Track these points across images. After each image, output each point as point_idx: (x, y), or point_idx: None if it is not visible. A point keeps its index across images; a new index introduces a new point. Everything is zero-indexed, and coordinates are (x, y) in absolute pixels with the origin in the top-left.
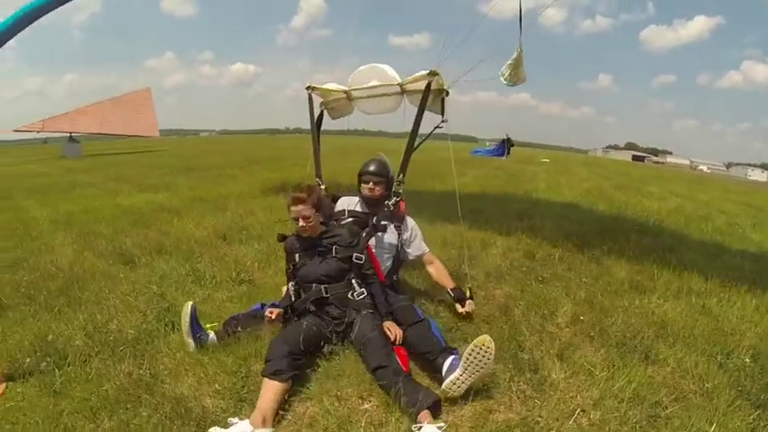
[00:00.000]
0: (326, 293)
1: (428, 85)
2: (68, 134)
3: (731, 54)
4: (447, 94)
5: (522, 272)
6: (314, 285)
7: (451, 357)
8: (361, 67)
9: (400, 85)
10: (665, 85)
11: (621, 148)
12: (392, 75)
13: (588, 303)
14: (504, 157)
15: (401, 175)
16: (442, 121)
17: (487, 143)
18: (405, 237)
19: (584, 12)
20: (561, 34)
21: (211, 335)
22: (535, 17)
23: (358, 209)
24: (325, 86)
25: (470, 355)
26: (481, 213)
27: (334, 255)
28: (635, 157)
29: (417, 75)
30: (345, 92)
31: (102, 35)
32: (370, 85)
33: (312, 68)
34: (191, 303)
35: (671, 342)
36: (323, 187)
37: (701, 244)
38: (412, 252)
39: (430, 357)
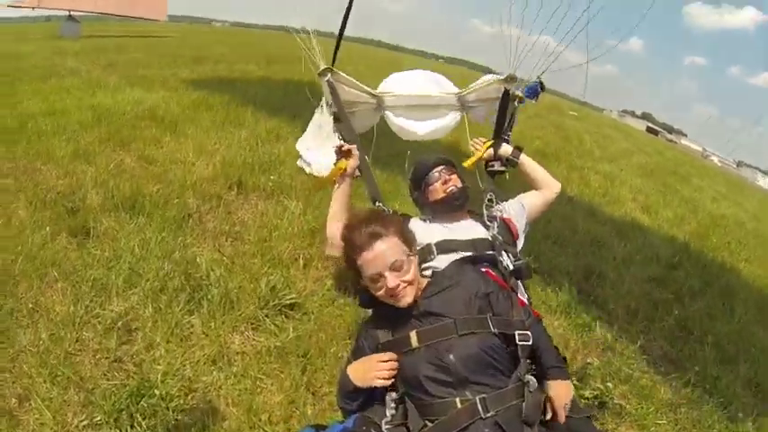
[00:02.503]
0: (487, 411)
1: (506, 94)
2: (68, 12)
3: None
4: (521, 101)
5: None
6: (456, 395)
7: None
8: (398, 75)
9: (458, 95)
10: (694, 66)
11: (638, 116)
12: (449, 85)
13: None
14: (534, 101)
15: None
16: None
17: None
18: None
19: None
20: None
21: None
22: None
23: (442, 237)
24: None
25: None
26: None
27: (486, 329)
28: (649, 129)
29: (486, 79)
30: (375, 95)
31: None
32: (418, 93)
33: None
34: None
35: None
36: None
37: None
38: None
39: None
